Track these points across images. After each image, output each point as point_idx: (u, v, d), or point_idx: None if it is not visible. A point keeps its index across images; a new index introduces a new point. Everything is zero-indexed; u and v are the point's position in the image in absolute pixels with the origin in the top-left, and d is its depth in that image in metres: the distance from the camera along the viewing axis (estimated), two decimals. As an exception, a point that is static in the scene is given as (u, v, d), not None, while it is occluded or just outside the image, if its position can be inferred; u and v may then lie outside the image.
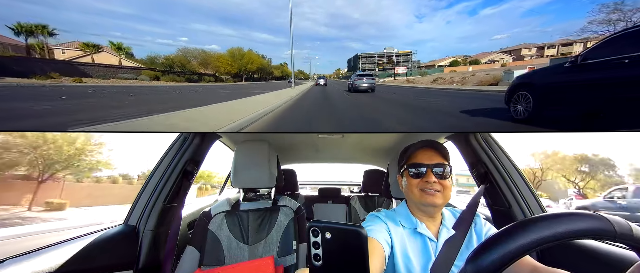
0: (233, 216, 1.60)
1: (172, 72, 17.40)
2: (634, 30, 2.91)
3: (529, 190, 1.50)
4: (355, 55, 23.02)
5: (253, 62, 20.19)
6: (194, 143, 1.75)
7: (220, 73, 18.99)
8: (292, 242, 1.57)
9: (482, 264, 0.48)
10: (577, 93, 2.96)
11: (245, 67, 19.93)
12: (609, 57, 2.80)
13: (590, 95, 2.88)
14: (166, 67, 17.64)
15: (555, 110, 3.27)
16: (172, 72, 17.36)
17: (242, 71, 19.48)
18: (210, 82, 18.44)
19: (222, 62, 19.19)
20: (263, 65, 21.52)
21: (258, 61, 20.59)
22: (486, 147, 1.61)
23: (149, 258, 1.48)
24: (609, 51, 2.83)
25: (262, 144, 1.63)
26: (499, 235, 0.50)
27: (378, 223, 0.98)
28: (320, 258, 0.46)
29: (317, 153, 3.38)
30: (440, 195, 0.96)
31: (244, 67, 19.77)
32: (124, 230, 1.49)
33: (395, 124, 4.76)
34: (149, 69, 16.89)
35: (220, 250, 1.52)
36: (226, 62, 19.22)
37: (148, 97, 9.32)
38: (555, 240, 0.47)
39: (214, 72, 19.26)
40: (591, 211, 0.51)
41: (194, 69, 18.62)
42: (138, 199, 1.59)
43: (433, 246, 0.96)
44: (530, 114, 3.52)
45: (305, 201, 3.35)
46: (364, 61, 21.81)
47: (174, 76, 17.13)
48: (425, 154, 1.02)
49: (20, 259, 1.10)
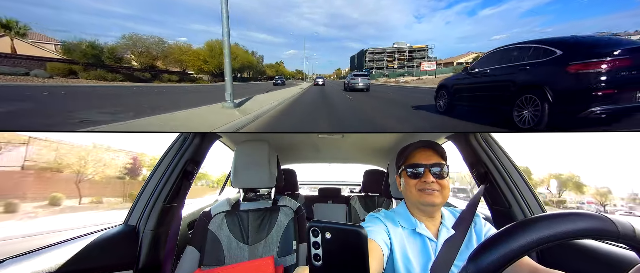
0: (233, 216, 1.60)
1: (103, 66, 12.43)
2: (493, 51, 4.25)
3: (529, 190, 1.50)
4: (361, 51, 19.68)
5: (236, 59, 16.39)
6: (194, 143, 1.75)
7: (196, 71, 15.48)
8: (292, 242, 1.57)
9: (483, 263, 0.48)
10: (469, 92, 4.29)
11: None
12: (481, 68, 4.16)
13: (474, 94, 4.19)
14: (91, 58, 12.33)
15: (460, 105, 4.55)
16: (103, 67, 12.41)
17: (221, 68, 15.33)
18: (170, 82, 14.38)
19: (190, 56, 15.32)
20: (251, 62, 18.08)
21: (244, 58, 17.23)
22: (486, 147, 1.61)
23: (149, 258, 1.48)
24: (481, 64, 4.23)
25: (262, 144, 1.63)
26: (501, 234, 0.50)
27: (377, 224, 0.98)
28: (320, 258, 0.46)
29: (317, 153, 3.38)
30: (438, 194, 0.96)
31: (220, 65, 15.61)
32: (124, 230, 1.49)
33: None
34: (61, 61, 11.57)
35: (220, 250, 1.52)
36: (196, 57, 15.43)
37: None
38: (557, 240, 0.47)
39: (182, 68, 15.45)
40: (593, 212, 0.50)
41: (151, 63, 14.32)
42: (138, 199, 1.59)
43: (433, 246, 0.96)
44: (447, 109, 4.80)
45: (305, 201, 3.35)
46: (371, 57, 18.72)
47: (104, 71, 12.27)
48: (422, 154, 1.02)
49: (20, 259, 1.10)
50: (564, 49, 3.18)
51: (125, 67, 13.51)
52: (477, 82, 4.13)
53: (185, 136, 1.76)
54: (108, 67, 12.66)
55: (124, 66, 13.49)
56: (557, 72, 3.07)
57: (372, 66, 18.95)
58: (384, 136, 2.95)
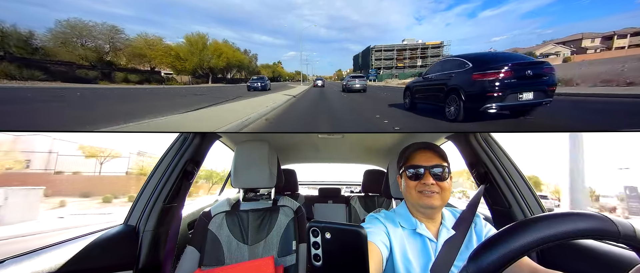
0: (233, 216, 1.60)
1: (15, 59, 9.16)
2: (438, 62, 5.57)
3: (529, 190, 1.50)
4: (366, 49, 17.44)
5: (221, 56, 13.66)
6: (194, 143, 1.75)
7: (174, 70, 12.64)
8: (292, 242, 1.57)
9: (483, 263, 0.48)
10: (423, 93, 5.35)
11: (209, 62, 13.11)
12: (430, 74, 5.20)
13: (426, 94, 5.22)
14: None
15: (419, 103, 5.53)
16: (15, 60, 9.13)
17: (202, 68, 12.78)
18: (128, 83, 11.55)
19: (158, 51, 12.47)
20: (241, 62, 15.05)
21: (232, 56, 14.25)
22: (486, 147, 1.60)
23: (149, 258, 1.48)
24: (430, 71, 5.26)
25: (262, 144, 1.63)
26: (501, 234, 0.50)
27: (376, 225, 0.98)
28: (320, 259, 0.46)
29: (317, 153, 3.38)
30: (438, 196, 0.96)
31: (206, 62, 13.03)
32: (124, 230, 1.49)
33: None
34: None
35: (220, 250, 1.52)
36: (166, 54, 12.65)
37: None
38: (557, 240, 0.47)
39: (152, 66, 12.53)
40: (594, 212, 0.50)
41: (101, 57, 11.21)
42: (138, 199, 1.59)
43: (433, 246, 0.96)
44: (410, 106, 5.78)
45: (305, 201, 3.35)
46: (378, 56, 16.55)
47: (15, 66, 8.97)
48: (423, 155, 1.02)
49: (20, 259, 1.10)
50: (473, 62, 4.24)
51: (49, 61, 10.07)
52: (428, 85, 5.21)
53: (185, 136, 1.76)
54: (21, 60, 9.19)
55: (47, 60, 10.03)
56: (467, 79, 4.13)
57: (379, 65, 16.69)
58: (384, 136, 2.95)
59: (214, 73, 13.75)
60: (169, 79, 12.85)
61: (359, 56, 18.81)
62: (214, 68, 13.52)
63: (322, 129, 4.10)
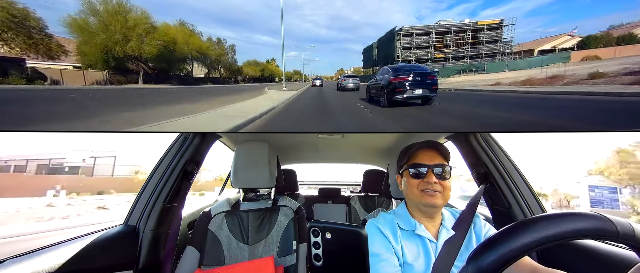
0: (233, 216, 1.60)
1: None
2: (381, 67, 9.25)
3: (529, 190, 1.50)
4: (390, 33, 11.04)
5: (154, 41, 7.35)
6: (194, 143, 1.75)
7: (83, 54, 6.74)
8: (292, 242, 1.57)
9: (483, 263, 0.48)
10: (373, 90, 8.06)
11: (122, 46, 7.09)
12: (376, 76, 8.13)
13: (374, 91, 7.93)
14: None
15: (373, 97, 8.12)
16: None
17: (118, 54, 6.93)
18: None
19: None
20: (204, 51, 9.55)
21: (184, 41, 8.49)
22: (486, 147, 1.60)
23: (149, 258, 1.48)
24: (377, 74, 8.33)
25: (262, 144, 1.63)
26: (501, 234, 0.50)
27: (379, 238, 0.97)
28: (320, 258, 0.46)
29: (317, 153, 3.38)
30: (440, 195, 0.96)
31: (121, 45, 7.02)
32: (124, 230, 1.49)
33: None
34: None
35: (220, 250, 1.52)
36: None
37: None
38: (557, 240, 0.47)
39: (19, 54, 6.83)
40: (593, 212, 0.51)
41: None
42: (138, 199, 1.59)
43: (433, 247, 0.96)
44: (369, 100, 8.48)
45: (305, 201, 3.35)
46: (407, 43, 10.65)
47: None
48: (426, 154, 1.02)
49: (20, 259, 1.10)
50: (392, 70, 7.04)
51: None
52: (375, 84, 7.91)
53: (185, 136, 1.76)
54: None
55: None
56: (388, 80, 6.90)
57: (408, 57, 10.84)
58: (384, 136, 2.95)
59: (152, 67, 7.72)
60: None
61: (373, 48, 14.14)
62: (148, 58, 7.66)
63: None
